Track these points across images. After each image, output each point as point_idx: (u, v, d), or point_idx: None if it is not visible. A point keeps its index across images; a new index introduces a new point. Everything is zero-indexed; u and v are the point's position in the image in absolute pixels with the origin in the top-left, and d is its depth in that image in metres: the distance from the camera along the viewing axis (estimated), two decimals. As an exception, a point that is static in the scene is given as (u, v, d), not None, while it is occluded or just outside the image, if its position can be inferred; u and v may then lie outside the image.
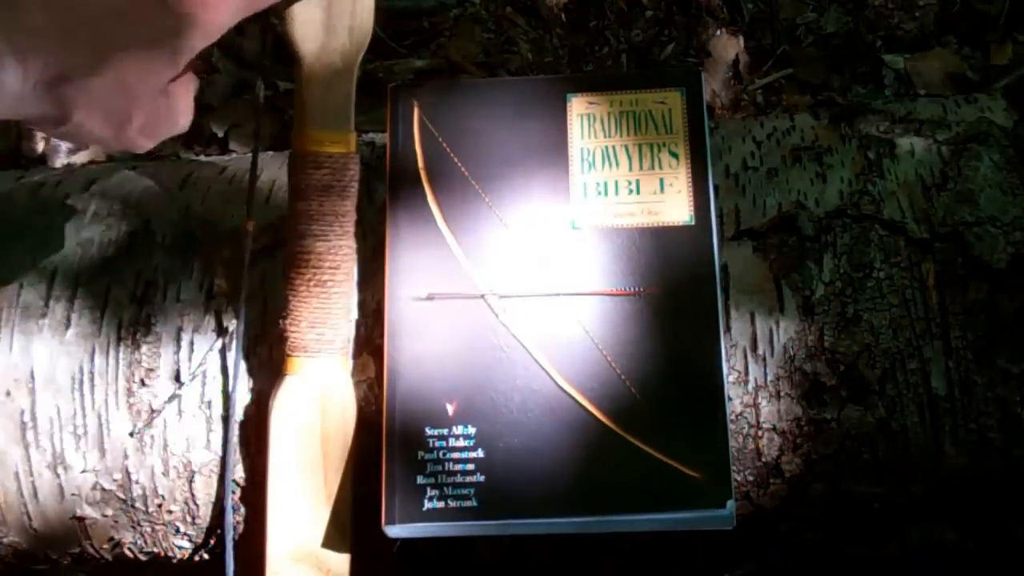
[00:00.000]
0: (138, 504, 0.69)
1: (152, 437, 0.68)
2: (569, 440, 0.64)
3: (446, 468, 0.63)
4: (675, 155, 0.68)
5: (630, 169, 0.68)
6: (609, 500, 0.62)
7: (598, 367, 0.64)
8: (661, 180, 0.68)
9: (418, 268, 0.67)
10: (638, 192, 0.68)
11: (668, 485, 0.62)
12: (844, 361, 0.65)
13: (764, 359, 0.66)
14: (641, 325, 0.65)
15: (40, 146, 1.25)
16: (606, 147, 0.69)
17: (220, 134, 1.23)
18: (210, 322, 0.69)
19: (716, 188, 0.69)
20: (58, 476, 0.69)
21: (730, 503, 0.62)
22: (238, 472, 0.68)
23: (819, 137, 0.72)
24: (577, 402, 0.64)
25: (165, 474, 0.68)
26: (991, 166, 0.69)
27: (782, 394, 0.66)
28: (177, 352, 0.69)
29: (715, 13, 1.22)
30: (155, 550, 0.71)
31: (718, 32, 1.22)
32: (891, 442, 0.65)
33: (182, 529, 0.70)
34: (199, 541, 0.70)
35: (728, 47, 1.21)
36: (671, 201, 0.67)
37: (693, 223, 0.67)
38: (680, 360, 0.64)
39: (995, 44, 1.16)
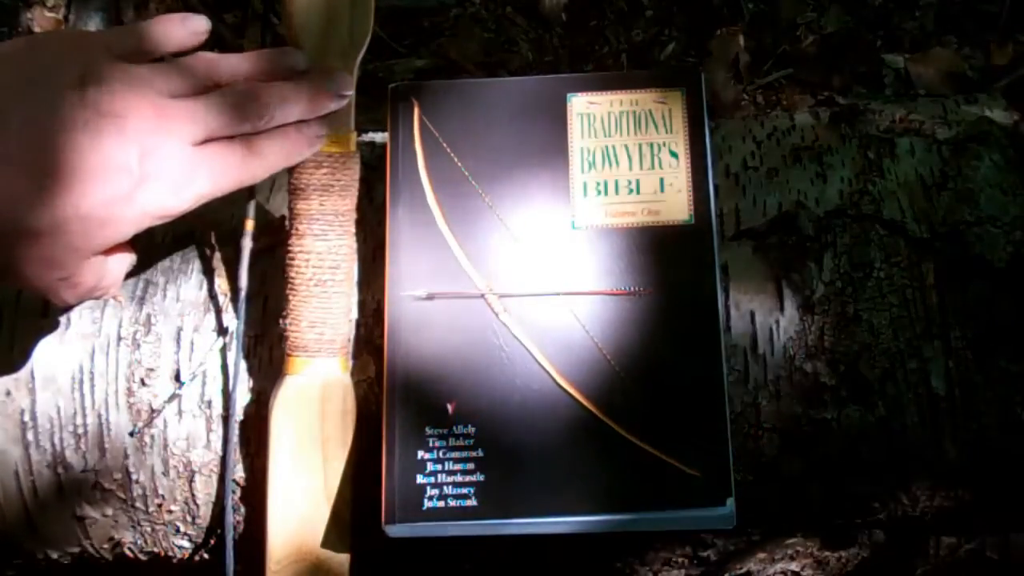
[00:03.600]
0: (138, 504, 0.69)
1: (152, 437, 0.68)
2: (569, 439, 0.63)
3: (446, 468, 0.63)
4: (675, 155, 0.68)
5: (630, 169, 0.68)
6: (609, 499, 0.62)
7: (598, 366, 0.64)
8: (661, 180, 0.68)
9: (418, 268, 0.67)
10: (638, 192, 0.68)
11: (668, 483, 0.62)
12: (844, 361, 0.65)
13: (764, 359, 0.66)
14: (641, 324, 0.65)
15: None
16: (606, 147, 0.69)
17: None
18: (210, 322, 0.69)
19: (716, 188, 0.69)
20: (58, 476, 0.69)
21: (730, 501, 0.62)
22: (238, 472, 0.68)
23: (819, 137, 0.72)
24: (577, 401, 0.64)
25: (165, 474, 0.68)
26: (991, 166, 0.69)
27: (782, 394, 0.66)
28: (177, 352, 0.69)
29: (715, 13, 1.22)
30: (155, 550, 0.71)
31: (718, 32, 1.22)
32: (891, 442, 0.65)
33: (182, 529, 0.70)
34: (199, 541, 0.70)
35: (728, 47, 1.21)
36: (671, 201, 0.67)
37: (693, 222, 0.67)
38: (680, 359, 0.64)
39: (995, 44, 1.16)
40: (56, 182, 0.53)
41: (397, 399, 0.65)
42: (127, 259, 0.60)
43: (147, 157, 0.55)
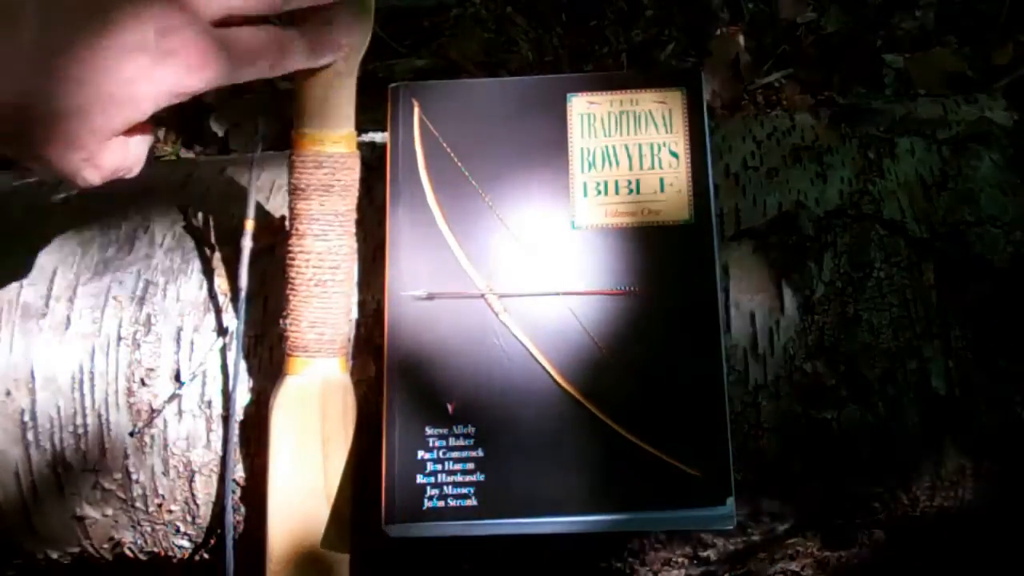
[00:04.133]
0: (138, 504, 0.69)
1: (152, 437, 0.68)
2: (569, 438, 0.63)
3: (446, 467, 0.63)
4: (675, 154, 0.68)
5: (630, 168, 0.68)
6: (609, 498, 0.62)
7: (598, 366, 0.64)
8: (661, 179, 0.68)
9: (418, 268, 0.67)
10: (638, 191, 0.68)
11: (668, 483, 0.62)
12: (844, 361, 0.65)
13: (764, 359, 0.66)
14: (641, 324, 0.65)
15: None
16: (606, 147, 0.69)
17: (220, 134, 1.24)
18: (210, 322, 0.69)
19: (716, 188, 0.69)
20: (58, 476, 0.69)
21: (730, 500, 0.62)
22: (238, 472, 0.68)
23: (819, 137, 0.72)
24: (577, 400, 0.64)
25: (165, 474, 0.68)
26: (991, 166, 0.69)
27: (782, 394, 0.66)
28: (177, 352, 0.69)
29: (715, 13, 1.22)
30: (155, 550, 0.71)
31: (718, 32, 1.21)
32: (891, 442, 0.65)
33: (182, 529, 0.70)
34: (199, 541, 0.70)
35: (728, 47, 1.20)
36: (671, 200, 0.67)
37: (693, 222, 0.67)
38: (680, 358, 0.64)
39: (996, 44, 1.16)
40: (74, 63, 0.54)
41: (397, 399, 0.65)
42: (148, 139, 0.60)
43: (165, 34, 0.55)
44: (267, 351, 0.68)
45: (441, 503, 0.63)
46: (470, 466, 0.63)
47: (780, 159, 0.71)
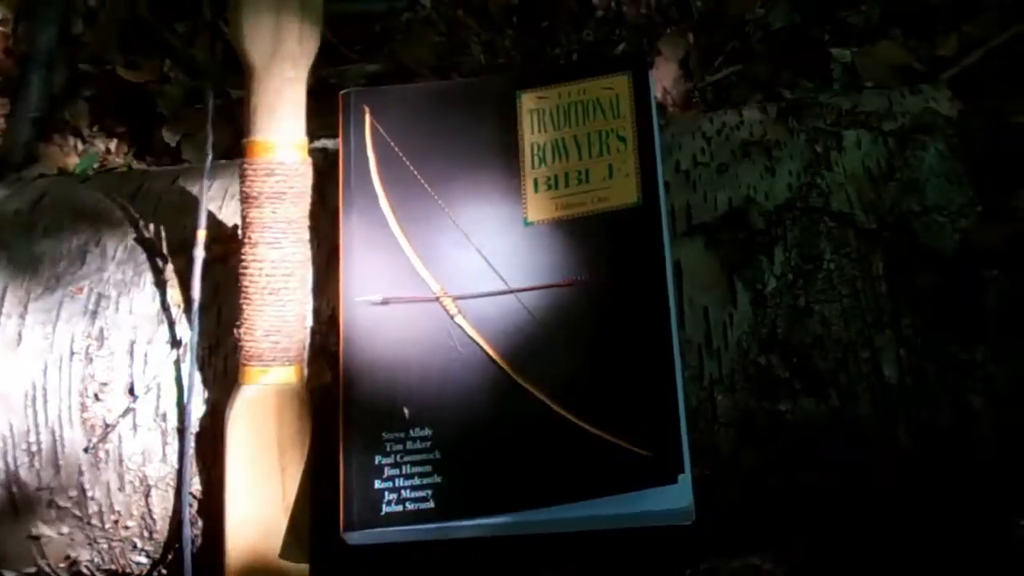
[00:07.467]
0: (94, 521, 0.68)
1: (107, 452, 0.67)
2: (526, 434, 0.63)
3: (403, 471, 0.63)
4: (623, 139, 0.68)
5: (580, 159, 0.68)
6: (564, 488, 0.61)
7: (554, 360, 0.64)
8: (610, 166, 0.68)
9: (372, 273, 0.67)
10: (587, 181, 0.68)
11: (619, 466, 0.61)
12: (797, 353, 0.66)
13: (718, 354, 0.66)
14: (595, 312, 0.65)
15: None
16: (555, 140, 0.69)
17: (172, 144, 1.22)
18: (163, 334, 0.68)
19: (667, 184, 0.69)
20: (12, 494, 0.68)
21: (682, 477, 0.61)
22: (195, 485, 0.67)
23: (767, 132, 0.73)
24: (533, 395, 0.64)
25: (121, 489, 0.68)
26: (936, 156, 0.70)
27: (737, 388, 0.66)
28: (131, 365, 0.68)
29: (665, 11, 1.23)
30: (113, 567, 0.71)
31: (668, 30, 1.22)
32: (845, 432, 0.66)
33: (139, 545, 0.69)
34: (157, 556, 0.70)
35: (678, 45, 1.21)
36: (619, 185, 0.67)
37: (641, 204, 0.67)
38: (633, 342, 0.64)
39: (940, 35, 1.18)
40: None
41: (353, 405, 0.65)
42: None
43: None
44: (222, 362, 0.68)
45: (399, 507, 0.63)
46: (427, 468, 0.63)
47: (730, 154, 0.72)
